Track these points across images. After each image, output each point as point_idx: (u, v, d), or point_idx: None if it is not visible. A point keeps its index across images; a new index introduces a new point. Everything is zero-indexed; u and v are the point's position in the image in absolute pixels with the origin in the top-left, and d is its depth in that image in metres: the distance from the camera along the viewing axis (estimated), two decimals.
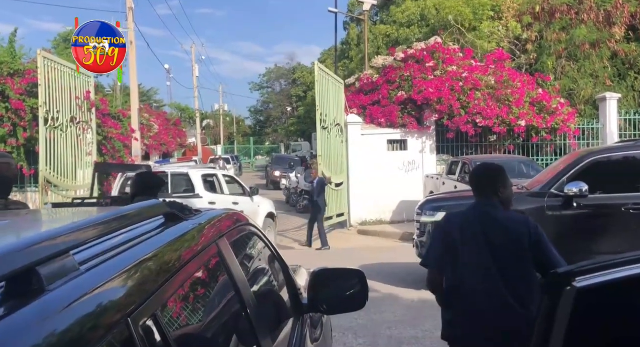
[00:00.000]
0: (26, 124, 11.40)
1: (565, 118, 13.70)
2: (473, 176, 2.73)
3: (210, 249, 1.43)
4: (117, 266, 0.98)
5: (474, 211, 2.60)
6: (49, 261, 0.81)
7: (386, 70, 14.59)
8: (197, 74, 38.17)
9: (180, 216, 1.45)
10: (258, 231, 2.16)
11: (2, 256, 0.74)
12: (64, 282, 0.82)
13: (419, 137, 13.86)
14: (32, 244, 0.81)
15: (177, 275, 1.13)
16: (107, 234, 1.04)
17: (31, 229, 1.37)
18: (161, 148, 26.38)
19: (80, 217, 1.30)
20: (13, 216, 1.69)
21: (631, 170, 6.00)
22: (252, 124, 65.70)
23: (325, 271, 2.32)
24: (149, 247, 1.14)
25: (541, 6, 15.80)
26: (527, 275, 2.45)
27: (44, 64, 10.53)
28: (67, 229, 0.93)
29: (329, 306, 2.20)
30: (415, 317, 5.70)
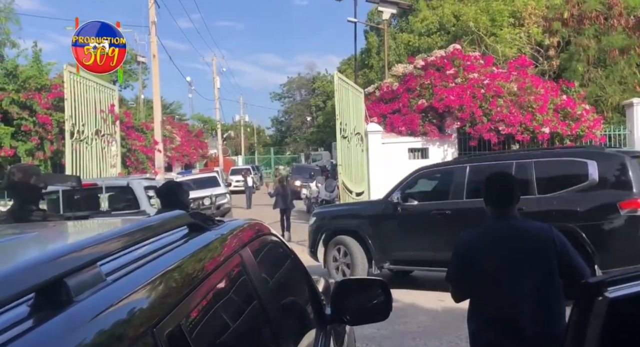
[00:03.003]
0: (53, 137, 11.67)
1: (590, 124, 13.44)
2: (489, 186, 2.59)
3: (234, 259, 1.44)
4: (142, 276, 0.98)
5: (493, 224, 2.54)
6: (76, 272, 0.82)
7: (406, 78, 14.56)
8: (218, 85, 38.69)
9: (203, 226, 1.46)
10: (280, 240, 2.16)
11: (32, 267, 0.75)
12: (91, 293, 0.83)
13: (440, 145, 13.75)
14: (60, 256, 0.82)
15: (201, 285, 1.13)
16: (132, 245, 1.05)
17: (59, 241, 1.39)
18: (183, 159, 26.75)
19: (107, 228, 1.32)
20: (42, 228, 1.72)
21: (445, 182, 7.42)
22: (273, 134, 66.16)
23: (348, 281, 2.30)
24: (173, 257, 1.15)
25: (570, 12, 15.60)
26: (555, 286, 2.39)
27: (70, 78, 10.79)
28: (93, 240, 0.94)
29: (352, 317, 2.18)
30: (439, 327, 5.61)
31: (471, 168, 7.12)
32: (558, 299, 2.39)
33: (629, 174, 6.04)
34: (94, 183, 8.15)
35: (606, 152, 6.63)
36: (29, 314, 0.75)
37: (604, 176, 6.15)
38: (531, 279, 2.39)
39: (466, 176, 7.04)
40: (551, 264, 2.39)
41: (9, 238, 1.33)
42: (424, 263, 7.20)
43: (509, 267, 2.41)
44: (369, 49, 28.17)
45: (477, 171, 6.94)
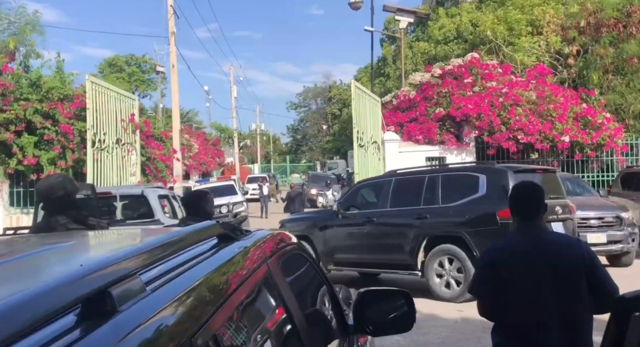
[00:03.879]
0: (74, 146, 11.87)
1: (611, 133, 13.26)
2: (516, 197, 2.55)
3: (262, 270, 1.45)
4: (179, 286, 1.00)
5: (520, 236, 2.51)
6: (119, 282, 0.84)
7: (423, 87, 14.55)
8: (235, 94, 39.05)
9: (232, 237, 1.48)
10: (303, 250, 2.17)
11: (80, 278, 0.78)
12: (134, 303, 0.85)
13: (458, 154, 13.67)
14: (106, 266, 0.84)
15: (233, 295, 1.15)
16: (169, 256, 1.07)
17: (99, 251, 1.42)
18: (201, 167, 26.98)
19: (142, 239, 1.35)
20: (80, 237, 1.76)
21: (376, 193, 8.37)
22: (289, 142, 66.42)
23: (371, 291, 2.30)
24: (207, 268, 1.17)
25: (587, 20, 15.45)
26: (583, 301, 2.35)
27: (92, 88, 11.00)
28: (134, 250, 0.96)
29: (375, 327, 2.17)
30: (459, 339, 5.55)
31: (395, 181, 8.13)
32: (585, 314, 2.34)
33: (510, 187, 6.61)
34: (108, 192, 8.11)
35: (494, 167, 7.54)
36: (77, 323, 0.77)
37: (491, 188, 6.98)
38: (558, 293, 2.35)
39: (391, 187, 8.03)
40: (579, 279, 2.34)
41: (47, 248, 1.37)
42: (360, 265, 8.17)
43: (536, 281, 2.37)
44: (385, 57, 28.23)
45: (400, 183, 8.05)
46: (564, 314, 2.33)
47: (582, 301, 2.35)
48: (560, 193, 7.64)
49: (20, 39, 13.34)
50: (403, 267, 7.48)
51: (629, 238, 8.86)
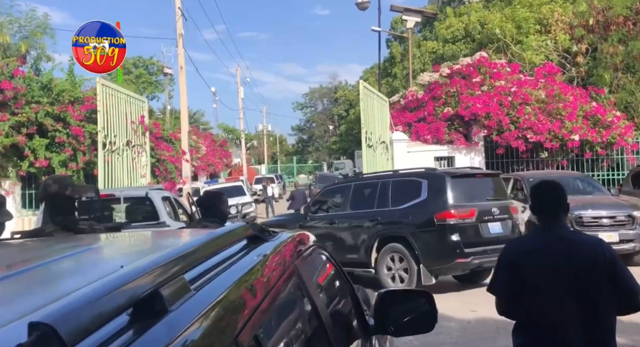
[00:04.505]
0: (85, 148, 11.96)
1: (621, 132, 13.18)
2: (537, 195, 2.56)
3: (291, 270, 1.47)
4: (220, 286, 1.02)
5: (541, 235, 2.50)
6: (168, 283, 0.87)
7: (431, 86, 14.53)
8: (242, 95, 39.13)
9: (262, 238, 1.51)
10: (324, 250, 2.19)
11: (133, 279, 0.80)
12: (182, 303, 0.88)
13: (467, 154, 13.64)
14: (153, 268, 0.87)
15: (268, 295, 1.17)
16: (206, 256, 1.10)
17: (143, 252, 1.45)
18: (208, 169, 27.05)
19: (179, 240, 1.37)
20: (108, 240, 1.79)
21: (340, 197, 9.05)
22: (295, 143, 66.45)
23: (392, 292, 2.31)
24: (242, 268, 1.19)
25: (595, 18, 15.35)
26: (606, 301, 2.34)
27: (103, 91, 11.07)
28: (177, 252, 0.98)
29: (396, 328, 2.18)
30: (472, 339, 5.54)
31: (354, 185, 8.91)
32: (607, 315, 2.34)
33: (446, 191, 7.50)
34: (112, 194, 7.95)
35: (434, 173, 8.22)
36: (131, 323, 0.79)
37: (431, 192, 7.63)
38: (578, 292, 2.34)
39: (351, 192, 8.78)
40: (599, 278, 2.33)
41: (83, 249, 1.39)
42: None
43: (557, 281, 2.36)
44: (391, 57, 28.19)
45: (358, 188, 8.81)
46: (584, 314, 2.32)
47: (603, 301, 2.34)
48: (503, 196, 8.21)
49: (31, 43, 13.45)
50: (360, 265, 7.97)
51: None
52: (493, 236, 7.50)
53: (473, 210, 7.49)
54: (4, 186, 12.17)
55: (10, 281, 1.07)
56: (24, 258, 1.37)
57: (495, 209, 7.71)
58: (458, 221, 7.37)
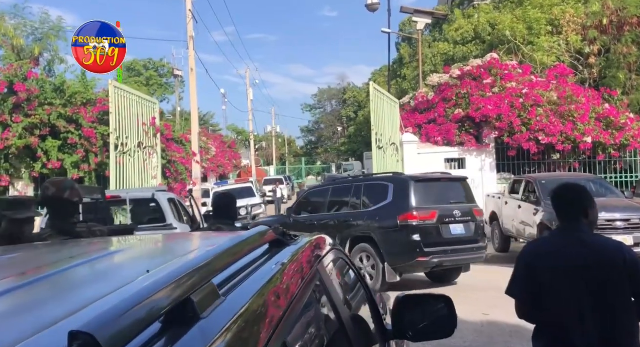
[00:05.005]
0: (97, 150, 12.03)
1: (635, 133, 13.03)
2: (557, 197, 2.54)
3: (314, 274, 1.46)
4: (249, 291, 1.02)
5: (561, 237, 2.47)
6: (198, 289, 0.86)
7: (442, 88, 14.46)
8: (251, 97, 39.24)
9: (284, 242, 1.50)
10: (343, 254, 2.18)
11: (165, 286, 0.79)
12: (212, 309, 0.87)
13: (477, 156, 13.56)
14: (183, 273, 0.86)
15: (295, 299, 1.16)
16: (235, 261, 1.09)
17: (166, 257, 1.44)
18: (218, 170, 27.14)
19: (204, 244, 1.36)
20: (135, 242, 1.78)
21: (319, 199, 9.67)
22: (304, 144, 66.47)
23: (411, 296, 2.29)
24: (268, 272, 1.18)
25: (609, 19, 15.19)
26: (627, 306, 2.31)
27: (115, 92, 11.14)
28: (205, 257, 0.98)
29: (414, 333, 2.16)
30: (486, 343, 5.50)
31: (332, 189, 9.66)
32: (630, 320, 2.30)
33: (410, 194, 8.01)
34: (118, 195, 7.81)
35: (399, 177, 8.88)
36: (164, 330, 0.79)
37: (396, 195, 8.16)
38: (600, 297, 2.30)
39: (329, 194, 9.46)
40: (620, 283, 2.30)
41: (104, 253, 1.39)
42: None
43: (574, 283, 2.33)
44: (400, 59, 28.12)
45: (335, 191, 9.46)
46: (602, 318, 2.29)
47: (623, 306, 2.31)
48: (468, 199, 8.65)
49: (44, 45, 13.56)
50: None
51: None
52: (454, 237, 8.03)
53: (434, 212, 7.94)
54: (17, 187, 12.28)
55: (35, 286, 1.06)
56: (48, 262, 1.37)
57: (458, 211, 8.15)
58: (419, 222, 7.83)
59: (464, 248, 8.11)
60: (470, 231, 8.20)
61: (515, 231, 10.75)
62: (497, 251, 11.53)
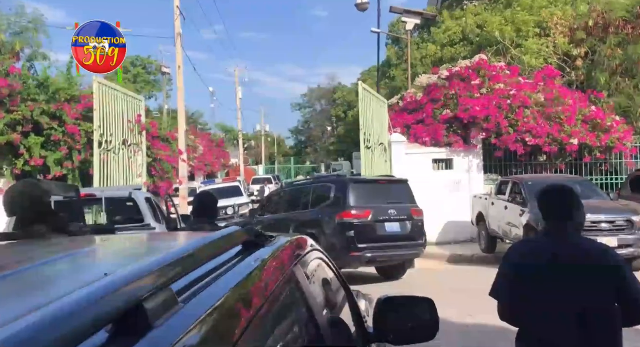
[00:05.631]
0: (81, 147, 11.82)
1: (621, 136, 13.14)
2: (543, 199, 2.50)
3: (289, 277, 1.40)
4: (211, 298, 0.94)
5: (547, 239, 2.43)
6: (153, 295, 0.79)
7: (430, 88, 14.47)
8: (240, 96, 39.05)
9: (258, 243, 1.43)
10: (324, 255, 2.12)
11: (113, 291, 0.72)
12: (167, 318, 0.79)
13: (465, 156, 13.58)
14: (137, 277, 0.78)
15: (265, 305, 1.09)
16: (197, 264, 1.01)
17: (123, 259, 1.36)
18: (206, 169, 26.96)
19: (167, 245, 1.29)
20: (95, 244, 1.70)
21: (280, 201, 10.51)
22: (293, 145, 66.40)
23: (392, 298, 2.23)
24: (236, 276, 1.11)
25: (595, 21, 15.31)
26: (610, 310, 2.27)
27: (99, 89, 10.98)
28: (163, 259, 0.90)
29: (396, 336, 2.11)
30: (472, 345, 5.47)
31: (288, 191, 10.62)
32: (613, 324, 2.26)
33: (348, 195, 8.69)
34: (93, 194, 7.48)
35: (340, 179, 9.68)
36: (109, 341, 0.71)
37: (337, 195, 8.86)
38: (584, 300, 2.27)
39: (287, 196, 10.28)
40: (606, 288, 2.26)
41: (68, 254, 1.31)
42: None
43: (561, 287, 2.30)
44: (389, 60, 28.14)
45: (290, 193, 10.32)
46: (587, 322, 2.25)
47: (608, 309, 2.28)
48: (407, 200, 9.17)
49: (26, 40, 13.31)
50: None
51: None
52: (389, 234, 8.64)
53: (369, 211, 8.59)
54: None
55: None
56: (6, 262, 1.29)
57: (394, 211, 8.79)
58: (354, 220, 8.50)
59: (398, 245, 8.72)
60: (406, 229, 8.84)
61: (501, 231, 10.78)
62: (483, 251, 11.56)
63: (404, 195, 9.29)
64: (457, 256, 11.52)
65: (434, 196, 13.06)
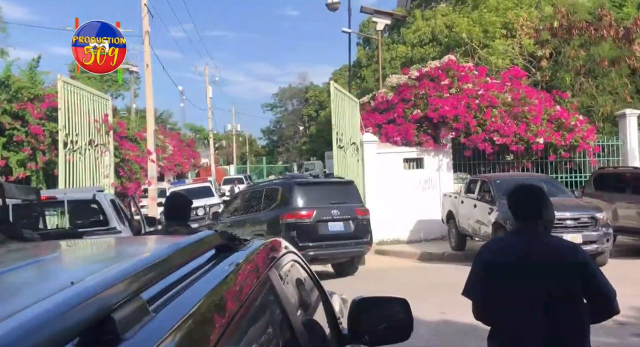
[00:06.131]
0: (45, 147, 11.49)
1: (584, 135, 13.53)
2: (513, 198, 2.55)
3: (264, 281, 1.37)
4: (184, 306, 0.91)
5: (516, 238, 2.47)
6: (122, 306, 0.75)
7: (401, 88, 14.59)
8: (210, 95, 38.61)
9: (232, 247, 1.40)
10: (299, 257, 2.10)
11: (80, 302, 0.68)
12: (138, 329, 0.76)
13: (435, 155, 13.76)
14: (106, 286, 0.75)
15: (240, 311, 1.07)
16: (170, 271, 0.98)
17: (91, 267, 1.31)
18: (175, 169, 26.56)
19: (136, 252, 1.24)
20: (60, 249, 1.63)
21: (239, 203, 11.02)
22: (265, 144, 66.04)
23: (367, 299, 2.23)
24: (209, 283, 1.08)
25: (559, 22, 15.71)
26: (578, 307, 2.32)
27: (64, 88, 10.68)
28: (133, 266, 0.87)
29: (370, 337, 2.10)
30: (443, 342, 5.54)
31: (247, 192, 11.33)
32: (581, 320, 2.32)
33: (292, 196, 9.14)
34: (54, 196, 7.14)
35: (286, 181, 9.95)
36: None
37: (283, 197, 9.30)
38: (554, 298, 2.31)
39: (244, 199, 10.85)
40: (574, 284, 2.31)
41: (27, 262, 1.25)
42: None
43: (531, 285, 2.34)
44: (360, 60, 28.28)
45: (246, 196, 10.92)
46: (556, 319, 2.30)
47: (576, 306, 2.33)
48: (353, 200, 9.56)
49: None
50: None
51: (604, 238, 9.05)
52: (331, 233, 8.99)
53: (311, 212, 9.01)
54: None
55: None
56: None
57: (337, 211, 9.16)
58: (297, 220, 8.93)
59: (341, 243, 9.08)
60: (349, 228, 9.19)
61: (471, 229, 10.96)
62: (453, 249, 11.73)
63: (350, 195, 9.67)
64: (427, 253, 11.66)
65: (405, 195, 13.22)
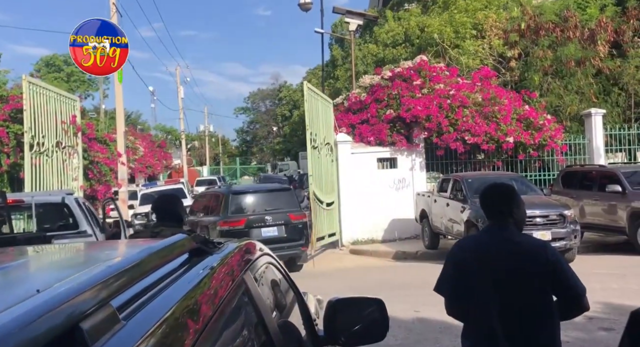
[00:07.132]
0: (10, 150, 11.16)
1: (552, 134, 13.86)
2: (485, 197, 2.59)
3: (239, 285, 1.35)
4: (156, 313, 0.89)
5: (488, 236, 2.51)
6: (91, 314, 0.72)
7: (374, 89, 14.68)
8: (182, 95, 38.11)
9: (205, 250, 1.37)
10: (274, 259, 2.08)
11: (46, 311, 0.65)
12: (107, 339, 0.73)
13: (408, 155, 13.89)
14: (73, 294, 0.72)
15: (214, 317, 1.04)
16: (141, 277, 0.95)
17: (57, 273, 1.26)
18: (147, 171, 26.12)
19: (105, 257, 1.20)
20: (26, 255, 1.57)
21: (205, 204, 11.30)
22: (239, 144, 65.56)
23: (343, 300, 2.22)
24: (182, 288, 1.06)
25: (527, 23, 16.05)
26: (548, 303, 2.37)
27: (29, 88, 10.38)
28: (102, 273, 0.84)
29: (346, 338, 2.10)
30: (417, 340, 5.58)
31: (201, 196, 12.34)
32: (550, 317, 2.36)
33: (227, 204, 9.77)
34: (20, 199, 6.99)
35: (224, 190, 10.87)
36: None
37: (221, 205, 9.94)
38: (525, 295, 2.35)
39: (200, 202, 11.59)
40: (543, 281, 2.35)
41: None
42: None
43: (502, 283, 2.37)
44: (333, 60, 28.33)
45: (202, 199, 11.65)
46: (527, 317, 2.34)
47: (547, 304, 2.37)
48: (289, 206, 10.16)
49: None
50: None
51: (572, 235, 9.28)
52: (265, 238, 9.31)
53: (243, 220, 9.63)
54: None
55: None
56: None
57: (270, 217, 9.78)
58: (230, 228, 9.49)
59: (275, 247, 9.86)
60: (283, 233, 9.83)
61: (443, 228, 11.10)
62: (427, 247, 11.86)
63: (285, 201, 10.25)
64: (402, 252, 11.76)
65: (379, 194, 13.30)
